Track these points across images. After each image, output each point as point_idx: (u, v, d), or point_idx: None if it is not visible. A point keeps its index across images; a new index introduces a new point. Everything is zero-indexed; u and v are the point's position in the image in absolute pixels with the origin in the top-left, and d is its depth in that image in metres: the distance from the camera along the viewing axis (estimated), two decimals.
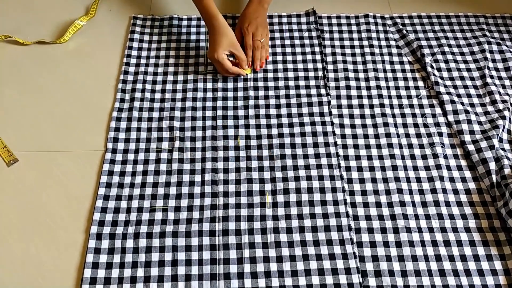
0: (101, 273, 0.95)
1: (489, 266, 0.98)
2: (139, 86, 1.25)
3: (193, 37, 1.36)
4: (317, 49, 1.35)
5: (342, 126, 1.19)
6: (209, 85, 1.26)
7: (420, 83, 1.28)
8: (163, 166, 1.11)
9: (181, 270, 0.96)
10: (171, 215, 1.04)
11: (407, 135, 1.18)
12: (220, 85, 1.26)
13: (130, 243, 0.99)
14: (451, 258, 0.99)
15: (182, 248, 0.99)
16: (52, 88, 1.26)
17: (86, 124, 1.19)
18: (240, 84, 1.26)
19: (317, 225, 1.03)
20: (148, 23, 1.40)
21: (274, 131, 1.17)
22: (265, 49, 1.31)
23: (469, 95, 1.26)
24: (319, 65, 1.31)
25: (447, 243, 1.01)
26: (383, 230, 1.02)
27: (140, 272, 0.96)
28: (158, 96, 1.24)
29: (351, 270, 0.97)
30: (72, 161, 1.12)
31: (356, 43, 1.37)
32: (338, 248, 1.00)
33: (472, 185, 1.10)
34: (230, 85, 1.26)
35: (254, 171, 1.10)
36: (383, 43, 1.37)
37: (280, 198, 1.06)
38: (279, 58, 1.32)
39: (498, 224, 1.04)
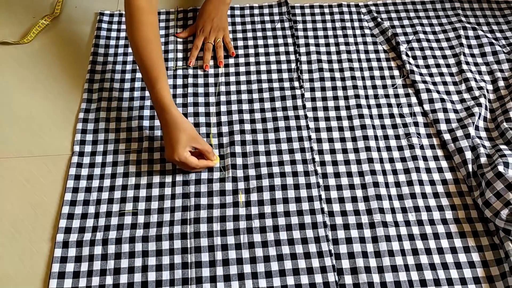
0: (68, 283, 0.93)
1: (467, 258, 0.98)
2: (106, 85, 1.22)
3: (162, 31, 1.34)
4: (290, 40, 1.33)
5: (316, 119, 1.17)
6: (179, 81, 1.23)
7: (396, 72, 1.27)
8: (132, 168, 1.09)
9: (151, 276, 0.94)
10: (141, 219, 1.02)
11: (383, 126, 1.16)
12: (190, 80, 1.23)
13: (98, 250, 0.97)
14: (428, 251, 0.98)
15: (153, 253, 0.97)
16: (15, 90, 1.23)
17: (52, 127, 1.16)
18: (211, 80, 1.24)
19: (291, 223, 1.01)
20: (116, 19, 1.37)
21: (247, 127, 1.16)
22: (220, 49, 1.29)
23: (444, 83, 1.24)
24: (292, 57, 1.29)
25: (423, 236, 1.00)
26: (359, 226, 1.01)
27: (109, 280, 0.94)
28: (126, 95, 1.21)
29: (327, 268, 0.96)
30: (37, 166, 1.10)
31: (330, 33, 1.35)
32: (313, 246, 0.99)
33: (448, 176, 1.09)
34: (200, 80, 1.24)
35: (227, 169, 1.08)
36: (358, 32, 1.36)
37: (254, 196, 1.05)
38: (251, 51, 1.30)
39: (475, 215, 1.03)
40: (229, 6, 1.34)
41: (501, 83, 1.23)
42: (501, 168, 1.00)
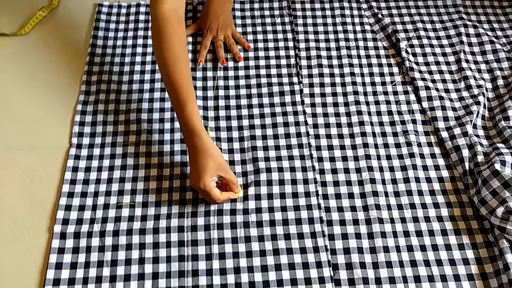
0: (65, 274, 0.96)
1: (461, 255, 1.00)
2: (105, 77, 1.25)
3: None
4: (289, 35, 1.36)
5: (314, 115, 1.20)
6: None
7: (395, 69, 1.30)
8: (130, 161, 1.12)
9: (148, 268, 0.97)
10: (138, 211, 1.05)
11: (381, 123, 1.20)
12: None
13: (95, 241, 1.00)
14: (423, 248, 1.01)
15: (150, 245, 1.00)
16: (12, 82, 1.25)
17: (50, 120, 1.18)
18: (209, 73, 1.27)
19: (288, 218, 1.04)
20: (114, 11, 1.39)
21: (245, 122, 1.19)
22: (233, 45, 1.31)
23: (444, 81, 1.28)
24: (292, 52, 1.32)
25: (419, 233, 1.03)
26: (355, 222, 1.04)
27: (106, 271, 0.97)
28: (125, 87, 1.24)
29: (322, 263, 0.99)
30: (34, 159, 1.12)
31: (330, 28, 1.38)
32: (309, 241, 1.01)
33: (445, 173, 1.12)
34: (199, 74, 1.27)
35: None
36: (358, 28, 1.38)
37: (251, 190, 1.08)
38: (250, 45, 1.33)
39: (471, 213, 1.06)
40: (232, 3, 1.36)
41: (500, 82, 1.27)
42: (497, 166, 1.03)
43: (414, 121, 1.20)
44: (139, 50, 1.31)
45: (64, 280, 0.96)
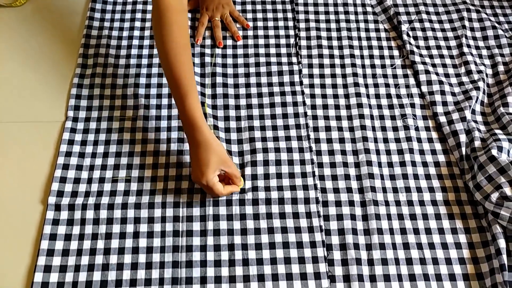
0: (59, 245, 0.98)
1: (453, 239, 1.02)
2: (102, 51, 1.25)
3: None
4: (289, 15, 1.36)
5: (313, 96, 1.21)
6: None
7: (396, 52, 1.31)
8: (127, 135, 1.12)
9: (142, 242, 0.99)
10: (134, 186, 1.06)
11: (379, 106, 1.21)
12: None
13: (90, 214, 1.01)
14: (416, 231, 1.03)
15: (145, 220, 1.01)
16: (7, 54, 1.25)
17: (45, 93, 1.19)
18: (208, 51, 1.28)
19: (284, 197, 1.06)
20: None
21: (242, 101, 1.19)
22: (232, 24, 1.31)
23: (444, 65, 1.28)
24: (291, 32, 1.32)
25: (412, 216, 1.05)
26: (351, 203, 1.06)
27: (100, 244, 0.98)
28: (122, 61, 1.24)
29: (317, 243, 1.00)
30: (28, 132, 1.13)
31: (331, 9, 1.38)
32: (304, 221, 1.03)
33: (441, 158, 1.13)
34: (197, 50, 1.27)
35: (222, 142, 1.12)
36: (359, 9, 1.39)
37: (248, 170, 1.09)
38: (250, 24, 1.33)
39: (465, 198, 1.07)
40: None
41: (501, 68, 1.28)
42: (494, 151, 1.04)
43: (412, 105, 1.21)
44: (137, 24, 1.31)
45: (58, 251, 0.97)
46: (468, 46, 1.32)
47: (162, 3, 0.98)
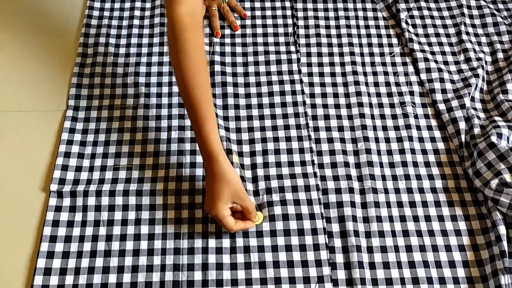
0: (62, 231, 0.99)
1: (453, 227, 1.03)
2: (102, 40, 1.26)
3: None
4: (287, 3, 1.36)
5: (311, 84, 1.22)
6: None
7: (394, 40, 1.32)
8: (128, 124, 1.13)
9: (144, 229, 1.00)
10: (135, 174, 1.07)
11: (378, 94, 1.21)
12: None
13: (92, 201, 1.02)
14: (415, 218, 1.04)
15: (146, 207, 1.02)
16: (7, 45, 1.26)
17: (46, 83, 1.20)
18: (206, 40, 1.28)
19: (284, 186, 1.06)
20: None
21: (241, 90, 1.20)
22: (229, 14, 1.30)
23: (443, 53, 1.29)
24: (290, 21, 1.33)
25: (412, 204, 1.06)
26: (351, 191, 1.06)
27: (102, 230, 0.99)
28: (122, 50, 1.25)
29: (318, 230, 1.01)
30: (29, 121, 1.14)
31: None
32: (305, 208, 1.04)
33: (441, 145, 1.14)
34: None
35: (220, 129, 1.12)
36: None
37: (247, 160, 1.10)
38: (248, 13, 1.34)
39: (465, 185, 1.08)
40: None
41: (500, 55, 1.28)
42: (494, 138, 1.05)
43: (411, 93, 1.22)
44: (136, 13, 1.32)
45: (60, 238, 0.98)
46: (467, 33, 1.32)
47: (177, 22, 0.93)
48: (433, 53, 1.29)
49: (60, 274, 0.95)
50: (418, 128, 1.16)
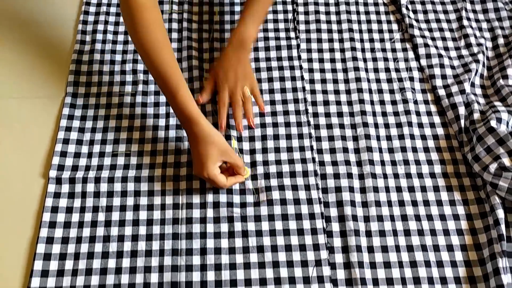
0: (61, 217, 1.00)
1: (452, 211, 1.04)
2: (100, 27, 1.26)
3: None
4: None
5: (311, 70, 1.22)
6: (175, 25, 1.27)
7: (395, 26, 1.31)
8: (126, 110, 1.14)
9: (143, 215, 1.01)
10: (133, 160, 1.07)
11: (378, 80, 1.22)
12: (185, 25, 1.27)
13: (90, 187, 1.03)
14: (414, 203, 1.04)
15: (145, 193, 1.03)
16: (4, 31, 1.26)
17: (45, 69, 1.20)
18: (205, 26, 1.29)
19: (282, 171, 1.07)
20: None
21: None
22: (249, 102, 1.13)
23: (444, 39, 1.29)
24: (289, 7, 1.33)
25: (411, 189, 1.06)
26: (349, 176, 1.07)
27: (101, 216, 1.00)
28: (121, 38, 1.26)
29: (315, 215, 1.02)
30: (27, 108, 1.15)
31: None
32: (303, 193, 1.04)
33: (440, 131, 1.14)
34: (195, 26, 1.28)
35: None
36: None
37: (246, 146, 1.11)
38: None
39: (464, 170, 1.09)
40: (250, 50, 1.20)
41: (500, 41, 1.28)
42: (493, 123, 1.05)
43: (411, 79, 1.22)
44: None
45: (59, 223, 0.99)
46: (468, 19, 1.32)
47: (134, 2, 0.95)
48: (433, 38, 1.29)
49: (60, 259, 0.96)
50: (418, 113, 1.17)
